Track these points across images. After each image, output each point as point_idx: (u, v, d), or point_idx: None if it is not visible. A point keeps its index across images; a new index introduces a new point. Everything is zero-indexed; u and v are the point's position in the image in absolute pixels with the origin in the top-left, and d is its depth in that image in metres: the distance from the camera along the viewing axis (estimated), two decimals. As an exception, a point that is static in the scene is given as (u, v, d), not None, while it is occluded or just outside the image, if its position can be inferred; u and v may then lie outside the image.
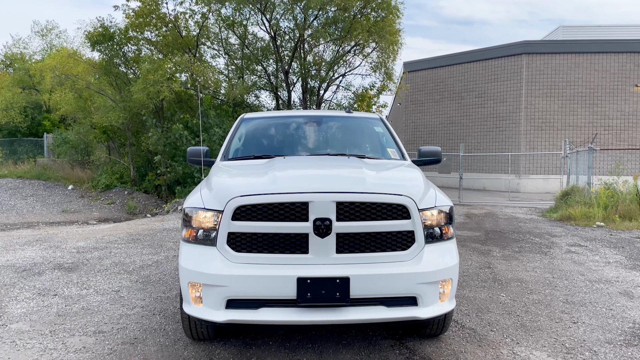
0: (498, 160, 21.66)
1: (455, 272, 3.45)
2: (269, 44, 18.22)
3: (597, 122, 20.99)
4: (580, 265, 6.82)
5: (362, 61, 18.69)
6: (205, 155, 4.79)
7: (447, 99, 24.44)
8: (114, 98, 17.49)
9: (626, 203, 11.14)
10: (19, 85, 26.71)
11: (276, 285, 3.12)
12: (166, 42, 16.86)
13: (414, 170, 4.10)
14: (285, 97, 18.78)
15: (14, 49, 30.66)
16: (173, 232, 9.61)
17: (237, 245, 3.24)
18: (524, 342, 3.98)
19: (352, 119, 5.58)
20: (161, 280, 5.87)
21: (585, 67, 21.08)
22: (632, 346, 3.92)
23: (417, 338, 4.00)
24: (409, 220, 3.27)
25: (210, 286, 3.20)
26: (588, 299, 5.18)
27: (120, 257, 7.22)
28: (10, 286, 5.58)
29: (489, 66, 22.54)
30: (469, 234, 9.51)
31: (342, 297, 3.11)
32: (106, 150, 21.56)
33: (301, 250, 3.20)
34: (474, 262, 6.99)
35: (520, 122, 21.36)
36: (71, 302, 5.00)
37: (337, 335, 4.04)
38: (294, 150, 5.00)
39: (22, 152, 25.05)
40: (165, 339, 4.01)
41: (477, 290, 5.52)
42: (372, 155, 4.79)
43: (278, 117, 5.82)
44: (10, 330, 4.18)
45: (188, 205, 3.48)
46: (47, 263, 6.77)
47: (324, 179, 3.58)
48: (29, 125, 27.11)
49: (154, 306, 4.87)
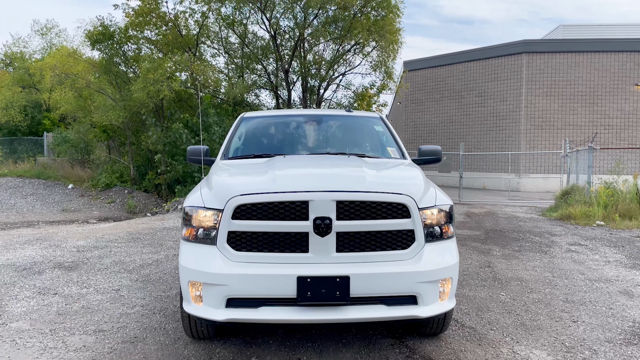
0: (498, 159, 21.66)
1: (455, 271, 3.45)
2: (269, 43, 18.23)
3: (597, 121, 20.98)
4: (580, 264, 6.82)
5: (362, 60, 18.72)
6: (205, 154, 4.79)
7: (447, 98, 24.44)
8: (114, 97, 17.48)
9: (626, 202, 11.14)
10: (19, 84, 26.72)
11: (276, 284, 3.12)
12: (166, 41, 16.86)
13: (414, 169, 4.10)
14: (286, 96, 18.78)
15: (14, 48, 30.67)
16: (173, 231, 9.61)
17: (237, 244, 3.24)
18: (523, 341, 3.99)
19: (352, 118, 5.58)
20: (161, 279, 5.88)
21: (586, 66, 21.07)
22: (632, 345, 3.92)
23: (417, 337, 4.00)
24: (409, 219, 3.27)
25: (211, 285, 3.20)
26: (588, 298, 5.18)
27: (121, 256, 7.22)
28: (11, 285, 5.58)
29: (489, 65, 22.54)
30: (469, 233, 9.52)
31: (342, 296, 3.11)
32: (106, 149, 21.57)
33: (301, 249, 3.20)
34: (474, 261, 6.99)
35: (520, 121, 21.36)
36: (71, 301, 5.00)
37: (337, 334, 4.04)
38: (294, 149, 5.00)
39: (22, 151, 25.05)
40: (165, 337, 4.02)
41: (477, 289, 5.53)
42: (372, 154, 4.78)
43: (278, 116, 5.82)
44: (11, 329, 4.18)
45: (188, 204, 3.49)
46: (47, 262, 6.77)
47: (324, 178, 3.58)
48: (29, 124, 27.11)
49: (154, 305, 4.87)
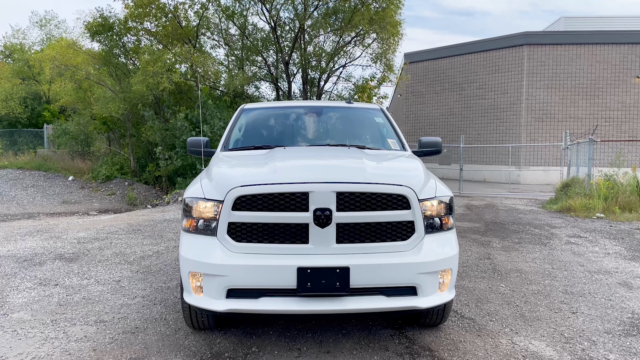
0: (498, 151, 21.63)
1: (455, 262, 3.46)
2: (269, 34, 18.15)
3: (597, 114, 20.93)
4: (580, 256, 6.84)
5: (362, 52, 18.66)
6: (205, 145, 4.78)
7: (447, 90, 24.36)
8: (114, 89, 17.44)
9: (626, 194, 11.14)
10: (18, 76, 26.67)
11: (276, 275, 3.13)
12: (166, 32, 16.80)
13: (414, 161, 4.10)
14: (286, 88, 18.73)
15: (13, 39, 30.60)
16: (173, 223, 9.63)
17: (238, 235, 3.25)
18: (523, 332, 4.00)
19: (353, 109, 5.56)
20: (162, 271, 5.89)
21: (587, 58, 20.98)
22: (631, 336, 3.94)
23: (417, 328, 4.02)
24: (409, 211, 3.27)
25: (211, 276, 3.21)
26: (587, 290, 5.20)
27: (121, 247, 7.23)
28: (12, 276, 5.60)
29: (490, 57, 22.44)
30: (469, 225, 9.53)
31: (342, 286, 3.12)
32: (106, 141, 21.56)
33: (301, 240, 3.21)
34: (473, 253, 7.00)
35: (521, 114, 21.31)
36: (72, 291, 5.02)
37: (337, 325, 4.05)
38: (294, 140, 4.99)
39: (22, 143, 25.04)
40: (166, 328, 4.03)
41: (477, 280, 5.54)
42: (372, 146, 4.78)
43: (278, 108, 5.81)
44: (12, 320, 4.20)
45: (188, 196, 3.49)
46: (48, 253, 6.79)
47: (324, 170, 3.58)
48: (29, 116, 27.09)
49: (155, 296, 4.89)
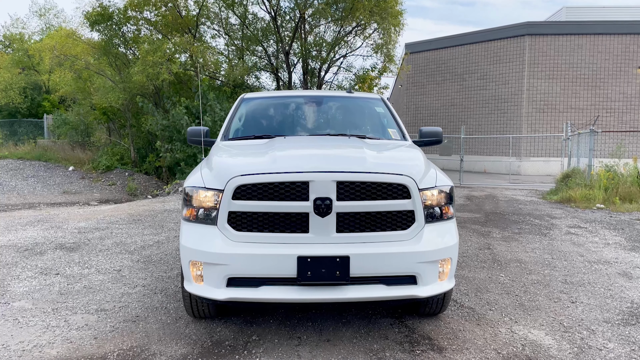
0: (499, 142, 21.59)
1: (455, 251, 3.47)
2: (270, 24, 18.03)
3: (599, 105, 20.87)
4: (580, 246, 6.85)
5: (363, 42, 18.52)
6: (205, 135, 4.78)
7: (448, 80, 24.27)
8: (114, 79, 17.38)
9: (626, 185, 11.14)
10: (18, 65, 26.57)
11: (277, 263, 3.14)
12: (166, 22, 16.69)
13: (414, 151, 4.09)
14: (286, 79, 18.64)
15: (13, 29, 30.44)
16: (174, 213, 9.64)
17: (238, 224, 3.25)
18: (522, 321, 4.02)
19: (353, 99, 5.54)
20: (162, 260, 5.91)
21: (589, 48, 20.88)
22: (630, 325, 3.95)
23: (416, 317, 4.04)
24: (409, 200, 3.27)
25: (211, 264, 3.22)
26: (587, 280, 5.21)
27: (122, 237, 7.25)
28: (13, 265, 5.61)
29: (491, 48, 22.33)
30: (469, 216, 9.53)
31: (342, 275, 3.13)
32: (106, 132, 21.53)
33: (301, 229, 3.21)
34: (473, 243, 7.02)
35: (522, 104, 21.24)
36: (73, 281, 5.03)
37: (337, 314, 4.07)
38: (295, 130, 4.98)
39: (22, 133, 25.01)
40: (166, 317, 4.05)
41: (477, 270, 5.56)
42: (372, 136, 4.76)
43: (278, 97, 5.79)
44: (13, 308, 4.22)
45: (188, 185, 3.49)
46: (49, 243, 6.80)
47: (324, 159, 3.57)
48: (29, 106, 27.03)
49: (156, 285, 4.91)
